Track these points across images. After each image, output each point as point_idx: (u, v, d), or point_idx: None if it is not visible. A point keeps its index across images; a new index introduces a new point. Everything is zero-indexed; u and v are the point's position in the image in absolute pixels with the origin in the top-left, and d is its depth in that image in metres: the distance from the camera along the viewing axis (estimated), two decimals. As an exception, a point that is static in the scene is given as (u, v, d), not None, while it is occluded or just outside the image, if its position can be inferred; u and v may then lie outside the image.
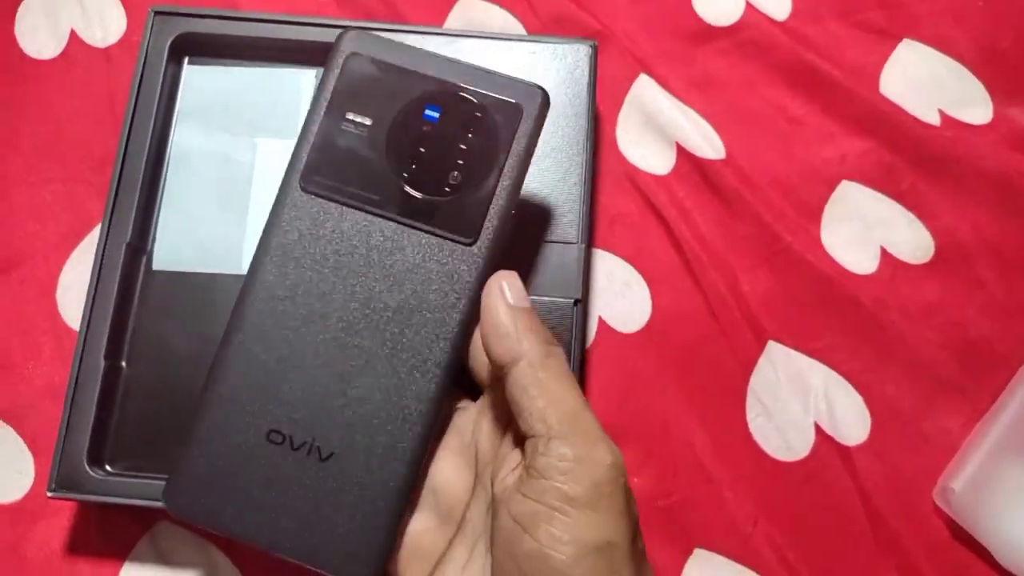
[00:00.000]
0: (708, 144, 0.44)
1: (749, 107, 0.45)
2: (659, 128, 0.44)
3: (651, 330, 0.41)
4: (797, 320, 0.41)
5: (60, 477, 0.36)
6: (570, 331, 0.38)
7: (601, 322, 0.41)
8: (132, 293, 0.39)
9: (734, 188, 0.43)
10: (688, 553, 0.38)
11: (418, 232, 0.30)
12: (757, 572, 0.38)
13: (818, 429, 0.40)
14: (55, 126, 0.44)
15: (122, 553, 0.38)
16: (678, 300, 0.42)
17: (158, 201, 0.41)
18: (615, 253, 0.42)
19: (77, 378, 0.37)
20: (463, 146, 0.30)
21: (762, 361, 0.41)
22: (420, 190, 0.30)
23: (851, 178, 0.44)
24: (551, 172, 0.40)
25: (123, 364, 0.39)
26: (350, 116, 0.30)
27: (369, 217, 0.30)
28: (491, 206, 0.30)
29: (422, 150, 0.30)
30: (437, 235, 0.30)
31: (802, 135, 0.44)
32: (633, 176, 0.44)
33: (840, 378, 0.41)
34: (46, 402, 0.40)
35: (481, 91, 0.30)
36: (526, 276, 0.38)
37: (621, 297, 0.42)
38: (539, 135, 0.30)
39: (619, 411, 0.40)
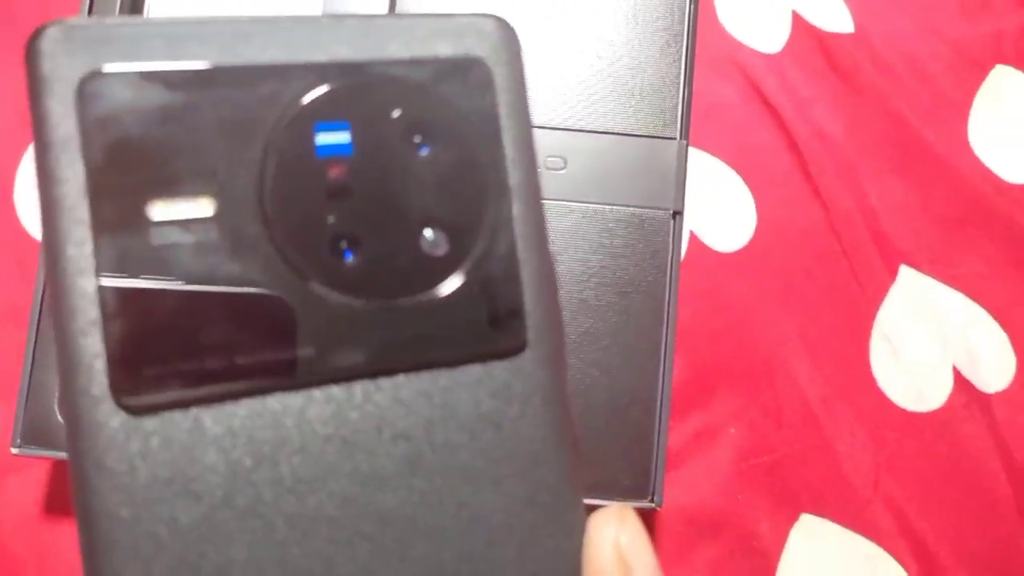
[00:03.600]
0: (833, 14, 0.35)
1: (885, -34, 0.35)
2: (771, -8, 0.35)
3: (755, 249, 0.33)
4: (936, 241, 0.33)
5: (27, 428, 0.29)
6: (666, 252, 0.30)
7: (693, 238, 0.33)
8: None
9: (863, 71, 0.34)
10: (793, 519, 0.32)
11: (407, 378, 0.14)
12: (876, 543, 0.32)
13: (956, 374, 0.33)
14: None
15: (112, 513, 0.32)
16: (789, 212, 0.34)
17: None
18: (711, 152, 0.34)
19: (42, 301, 0.30)
20: (422, 176, 0.14)
21: (892, 291, 0.33)
22: (373, 295, 0.14)
23: (1007, 62, 0.35)
24: (638, 45, 0.31)
25: (100, 285, 0.31)
26: (156, 213, 0.13)
27: (295, 395, 0.14)
28: (518, 263, 0.15)
29: (349, 218, 0.14)
30: (444, 365, 0.14)
31: (949, 5, 0.35)
32: (734, 54, 0.35)
33: (985, 313, 0.33)
34: (8, 329, 0.33)
35: (400, 57, 0.14)
36: (607, 180, 0.30)
37: (718, 207, 0.34)
38: (525, 92, 0.15)
39: (712, 348, 0.33)
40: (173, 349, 0.13)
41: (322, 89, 0.14)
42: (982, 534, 0.32)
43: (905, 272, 0.33)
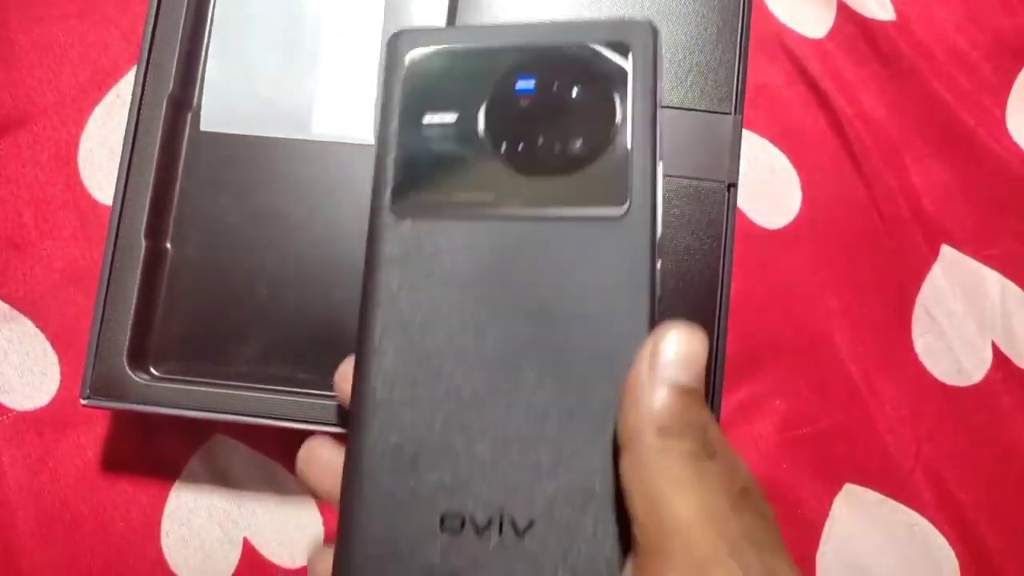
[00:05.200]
0: (875, 2, 0.36)
1: (927, -43, 0.36)
2: (817, -21, 0.36)
3: (800, 226, 0.34)
4: (977, 221, 0.34)
5: (96, 381, 0.29)
6: (721, 222, 0.31)
7: (740, 214, 0.34)
8: (176, 159, 0.32)
9: (905, 57, 0.35)
10: (836, 489, 0.33)
11: (553, 221, 0.23)
12: (919, 512, 0.33)
13: (995, 349, 0.34)
14: (66, -53, 0.35)
15: (171, 472, 0.32)
16: (834, 191, 0.35)
17: (205, 43, 0.32)
18: (758, 132, 0.35)
19: (112, 262, 0.30)
20: (574, 108, 0.25)
21: (935, 269, 0.34)
22: (539, 172, 0.24)
23: (1043, 51, 0.36)
24: (696, 24, 0.32)
25: (167, 245, 0.31)
26: (429, 119, 0.25)
27: (488, 224, 0.24)
28: (632, 158, 0.23)
29: (527, 127, 0.25)
30: (577, 216, 0.23)
31: (987, -5, 0.36)
32: (781, 37, 0.36)
33: (1020, 292, 0.34)
34: (69, 289, 0.33)
35: (573, 41, 0.25)
36: (666, 152, 0.31)
37: (765, 185, 0.35)
38: (660, 70, 0.25)
39: (759, 321, 0.34)
40: (425, 183, 0.24)
41: (522, 60, 0.24)
42: (1020, 504, 0.33)
43: (946, 251, 0.34)
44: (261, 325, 0.31)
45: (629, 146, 0.23)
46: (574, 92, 0.24)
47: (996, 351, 0.34)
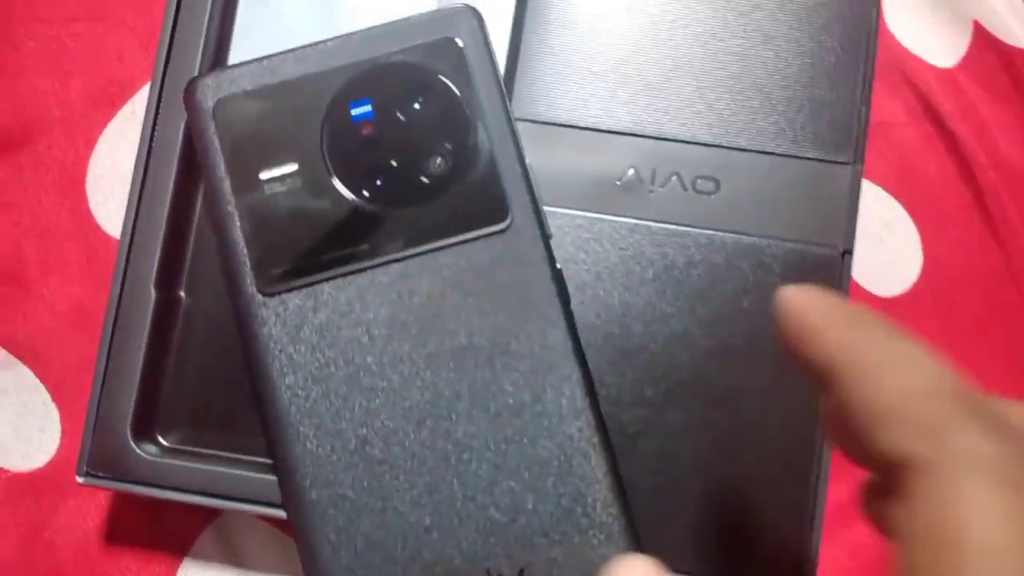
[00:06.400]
0: (1021, 24, 0.30)
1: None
2: (951, -5, 0.30)
3: (919, 294, 0.29)
4: None
5: (95, 454, 0.25)
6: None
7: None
8: (194, 191, 0.27)
9: (1055, 93, 0.29)
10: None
11: (434, 253, 0.22)
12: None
13: None
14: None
15: (181, 547, 0.28)
16: (963, 252, 0.29)
17: (229, 53, 0.28)
18: (872, 179, 0.30)
19: (118, 311, 0.26)
20: (421, 122, 0.23)
21: (1079, 351, 0.29)
22: (407, 204, 0.22)
23: None
24: (809, 52, 0.27)
25: (181, 294, 0.27)
26: (266, 174, 0.22)
27: (370, 275, 0.22)
28: (498, 160, 0.22)
29: (378, 158, 0.23)
30: (459, 241, 0.22)
31: None
32: (903, 65, 0.30)
33: None
34: (72, 334, 0.29)
35: (395, 50, 0.23)
36: (766, 209, 0.26)
37: (879, 244, 0.29)
38: (492, 55, 0.23)
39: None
40: (285, 250, 0.22)
41: (348, 83, 0.23)
42: None
43: (1095, 329, 0.29)
44: (285, 389, 0.27)
45: (491, 148, 0.22)
46: (416, 105, 0.23)
47: None
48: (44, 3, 0.30)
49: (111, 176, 0.30)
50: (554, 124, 0.27)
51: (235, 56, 0.28)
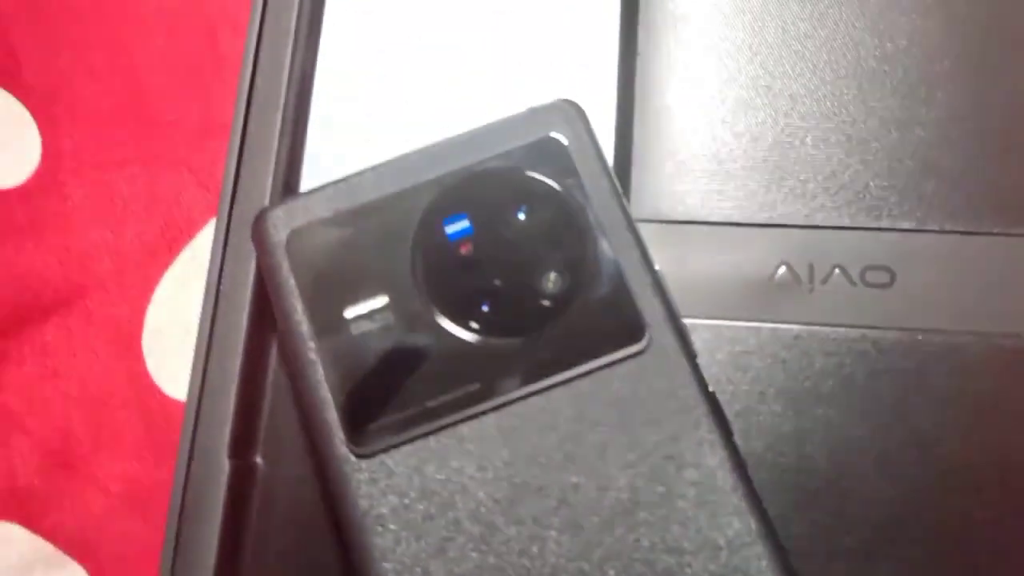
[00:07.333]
0: None
1: None
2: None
3: None
4: None
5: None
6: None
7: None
8: (268, 342, 0.24)
9: None
10: None
11: (560, 387, 0.19)
12: None
13: None
14: (129, 77, 0.29)
15: None
16: None
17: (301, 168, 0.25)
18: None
19: (186, 486, 0.22)
20: (528, 235, 0.20)
21: None
22: (519, 331, 0.19)
23: None
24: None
25: (258, 460, 0.23)
26: (351, 312, 0.19)
27: (485, 420, 0.18)
28: (625, 271, 0.19)
29: (482, 280, 0.20)
30: (588, 370, 0.19)
31: None
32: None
33: None
34: (128, 519, 0.25)
35: (488, 156, 0.20)
36: (953, 298, 0.21)
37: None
38: (600, 151, 0.20)
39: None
40: (381, 400, 0.19)
41: (440, 200, 0.20)
42: None
43: None
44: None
45: (613, 256, 0.19)
46: (520, 215, 0.20)
47: None
48: (97, 147, 0.28)
49: (171, 331, 0.26)
50: (681, 222, 0.23)
51: (307, 183, 0.25)
